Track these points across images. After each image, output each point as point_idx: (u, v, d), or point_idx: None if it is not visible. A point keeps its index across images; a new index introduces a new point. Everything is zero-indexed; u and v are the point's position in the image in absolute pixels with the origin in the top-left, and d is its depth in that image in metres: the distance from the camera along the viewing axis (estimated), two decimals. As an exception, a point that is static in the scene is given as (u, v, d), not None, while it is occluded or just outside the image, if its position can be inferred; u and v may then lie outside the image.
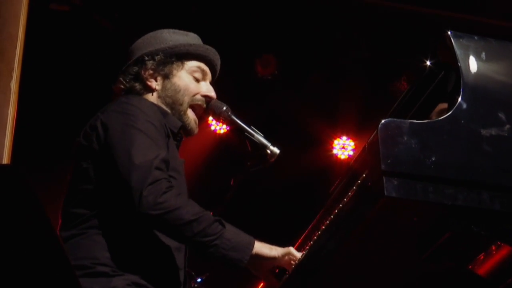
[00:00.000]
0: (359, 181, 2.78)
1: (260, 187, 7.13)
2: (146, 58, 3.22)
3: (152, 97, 3.22)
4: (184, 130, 3.26)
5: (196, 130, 3.31)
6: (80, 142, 3.04)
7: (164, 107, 3.21)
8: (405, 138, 2.64)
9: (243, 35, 7.09)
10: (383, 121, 2.66)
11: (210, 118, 3.40)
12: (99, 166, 2.96)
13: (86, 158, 3.00)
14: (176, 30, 3.36)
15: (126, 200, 2.79)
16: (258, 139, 3.29)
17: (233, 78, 6.93)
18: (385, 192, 2.57)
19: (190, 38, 3.34)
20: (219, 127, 7.46)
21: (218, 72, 3.39)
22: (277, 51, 7.40)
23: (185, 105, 3.23)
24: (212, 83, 3.36)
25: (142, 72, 3.22)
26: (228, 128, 3.44)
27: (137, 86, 3.22)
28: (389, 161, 2.60)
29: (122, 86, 3.23)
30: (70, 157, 3.10)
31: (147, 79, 3.22)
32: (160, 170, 2.85)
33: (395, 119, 2.69)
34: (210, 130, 7.44)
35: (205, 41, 3.41)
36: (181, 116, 3.22)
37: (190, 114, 3.26)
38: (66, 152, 3.22)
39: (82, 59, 6.67)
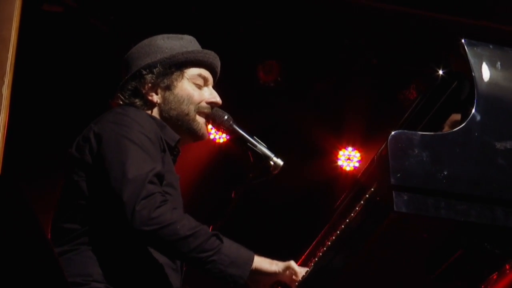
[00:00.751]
0: (367, 195, 2.79)
1: (262, 200, 7.12)
2: (144, 72, 3.23)
3: (154, 111, 3.23)
4: (195, 136, 3.27)
5: (207, 135, 3.32)
6: (72, 154, 3.05)
7: (166, 119, 3.21)
8: (416, 151, 2.65)
9: (244, 39, 7.10)
10: (393, 132, 2.67)
11: (210, 126, 3.40)
12: (92, 179, 2.97)
13: (78, 171, 3.01)
14: (170, 35, 3.36)
15: (119, 215, 2.80)
16: (261, 150, 3.30)
17: (234, 85, 6.92)
18: (395, 207, 2.58)
19: (185, 42, 3.34)
20: (219, 136, 7.46)
21: (219, 73, 3.41)
22: (281, 57, 7.41)
23: (192, 113, 3.24)
24: (214, 86, 3.38)
25: (141, 87, 3.22)
26: (228, 137, 3.44)
27: (137, 101, 3.22)
28: (399, 174, 2.61)
29: (121, 102, 3.23)
30: (62, 169, 3.11)
31: (147, 94, 3.23)
32: (154, 184, 2.85)
33: (405, 131, 2.70)
34: (209, 139, 7.44)
35: (205, 45, 3.42)
36: (190, 124, 3.23)
37: (200, 119, 3.27)
38: (59, 161, 3.23)
39: (77, 63, 6.67)
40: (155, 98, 3.24)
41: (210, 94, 3.32)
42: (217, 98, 3.33)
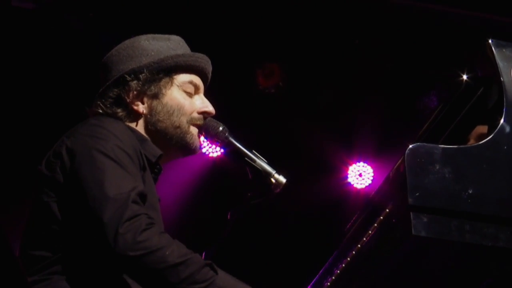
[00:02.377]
0: (381, 217, 2.80)
1: (262, 223, 7.11)
2: (128, 78, 3.22)
3: (139, 123, 3.24)
4: (187, 149, 3.26)
5: (199, 148, 3.33)
6: (42, 172, 3.04)
7: (152, 133, 3.21)
8: (437, 167, 2.66)
9: (241, 39, 7.11)
10: (410, 146, 2.68)
11: (202, 139, 3.40)
12: (64, 200, 2.96)
13: (48, 191, 2.99)
14: (156, 35, 3.36)
15: (99, 239, 2.79)
16: (261, 166, 3.30)
17: (229, 92, 6.93)
18: (413, 231, 2.59)
19: (173, 44, 3.35)
20: (213, 150, 7.45)
21: (209, 78, 3.42)
22: (282, 59, 7.43)
23: (184, 125, 3.25)
24: (205, 92, 3.38)
25: (125, 95, 3.23)
26: (223, 151, 3.45)
27: (120, 112, 3.22)
28: (417, 193, 2.63)
29: (101, 111, 3.23)
30: (30, 189, 3.10)
31: (132, 103, 3.23)
32: (138, 204, 2.85)
33: (425, 144, 2.72)
34: (202, 153, 7.41)
35: (195, 47, 3.42)
36: (182, 137, 3.23)
37: (194, 130, 3.28)
38: (28, 179, 3.23)
39: (51, 66, 6.67)
40: (141, 108, 3.24)
41: (202, 103, 3.32)
42: (209, 107, 3.34)
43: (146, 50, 3.28)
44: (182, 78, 3.30)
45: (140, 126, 3.24)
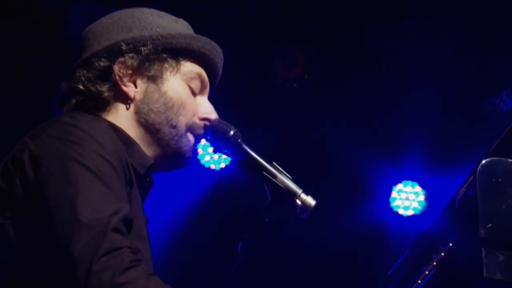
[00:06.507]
0: (442, 254, 2.80)
1: (284, 256, 7.13)
2: (125, 47, 3.23)
3: (127, 112, 3.21)
4: (179, 157, 3.24)
5: (191, 161, 3.30)
6: (-5, 184, 3.04)
7: (141, 125, 3.19)
8: (519, 189, 2.65)
9: (257, 20, 7.14)
10: (484, 161, 2.67)
11: (205, 143, 3.39)
12: (24, 222, 2.94)
13: (3, 210, 2.97)
14: (161, 12, 3.36)
15: (66, 277, 2.77)
16: (283, 183, 3.29)
17: (242, 86, 6.96)
18: (485, 272, 2.59)
19: (181, 27, 3.35)
20: (218, 160, 7.44)
21: (217, 82, 3.41)
22: (308, 44, 7.45)
23: (182, 127, 3.23)
24: (209, 96, 3.37)
25: (116, 69, 3.21)
26: (232, 162, 3.44)
27: (105, 91, 3.20)
28: (490, 224, 2.63)
29: (80, 87, 3.22)
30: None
31: (122, 82, 3.22)
32: (120, 234, 2.83)
33: (502, 159, 2.71)
34: (201, 165, 7.42)
35: (203, 31, 3.42)
36: (178, 140, 3.22)
37: (191, 137, 3.26)
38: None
39: (15, 49, 6.71)
40: (132, 91, 3.22)
41: (205, 108, 3.31)
42: (213, 115, 3.31)
43: (150, 24, 3.28)
44: (190, 67, 3.29)
45: (127, 116, 3.21)
